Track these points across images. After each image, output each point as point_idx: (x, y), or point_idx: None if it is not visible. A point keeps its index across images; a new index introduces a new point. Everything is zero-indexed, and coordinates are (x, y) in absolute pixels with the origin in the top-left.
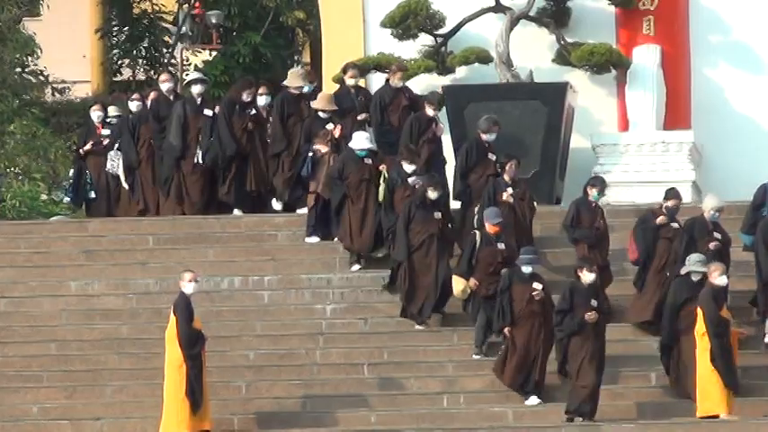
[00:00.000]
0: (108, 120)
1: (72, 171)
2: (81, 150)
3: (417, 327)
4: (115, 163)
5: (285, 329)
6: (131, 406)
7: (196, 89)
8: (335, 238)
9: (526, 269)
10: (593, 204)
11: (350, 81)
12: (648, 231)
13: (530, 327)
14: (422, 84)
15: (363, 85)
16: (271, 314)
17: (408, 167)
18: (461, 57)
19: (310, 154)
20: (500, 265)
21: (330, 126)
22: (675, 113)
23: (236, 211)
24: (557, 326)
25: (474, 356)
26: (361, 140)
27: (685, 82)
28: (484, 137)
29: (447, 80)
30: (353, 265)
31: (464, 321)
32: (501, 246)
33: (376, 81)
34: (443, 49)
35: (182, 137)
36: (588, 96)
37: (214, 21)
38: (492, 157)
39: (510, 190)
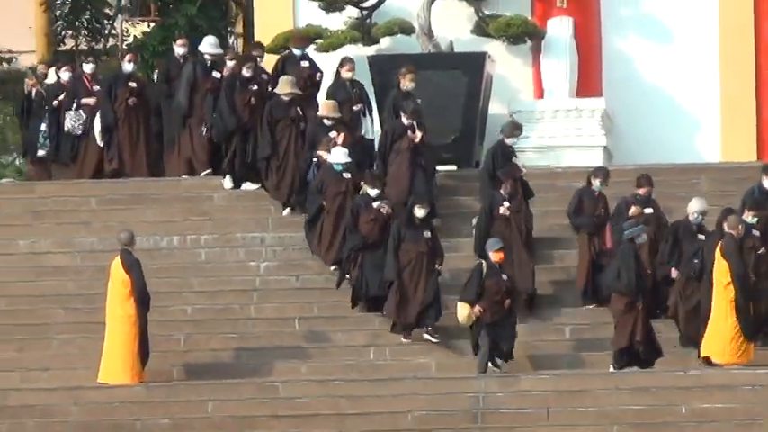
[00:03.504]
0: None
1: (44, 126)
2: (54, 103)
3: (404, 340)
4: (75, 123)
5: (221, 285)
6: (76, 357)
7: (208, 57)
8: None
9: (641, 240)
10: (596, 193)
11: (346, 75)
12: (623, 221)
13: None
14: (348, 53)
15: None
16: (207, 271)
17: (372, 192)
18: (385, 28)
19: (315, 159)
20: (504, 294)
21: (333, 134)
22: (587, 82)
23: (246, 185)
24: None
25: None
26: (338, 155)
27: (597, 52)
28: (507, 141)
29: (372, 50)
30: (331, 266)
31: None
32: (504, 276)
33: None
34: (368, 20)
35: (189, 96)
36: (505, 66)
37: None
38: (517, 160)
39: (506, 204)
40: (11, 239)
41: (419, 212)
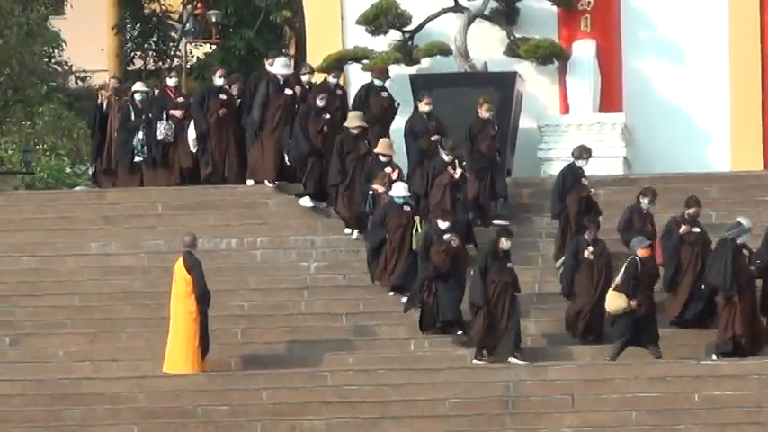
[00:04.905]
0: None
1: (142, 134)
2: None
3: (476, 361)
4: (166, 132)
5: (275, 284)
6: (143, 349)
7: (280, 77)
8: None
9: (741, 240)
10: (644, 211)
11: (424, 108)
12: (673, 239)
13: None
14: (391, 72)
15: (342, 80)
16: (262, 271)
17: (442, 224)
18: (425, 49)
19: (370, 192)
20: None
21: (388, 169)
22: (609, 99)
23: (305, 200)
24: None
25: (607, 359)
26: (399, 189)
27: (617, 72)
28: (577, 163)
29: (413, 70)
30: (390, 292)
31: None
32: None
33: (352, 71)
34: (410, 43)
35: (261, 112)
36: (534, 84)
37: (214, 19)
38: (585, 181)
39: (590, 248)
40: (84, 242)
41: (505, 244)
